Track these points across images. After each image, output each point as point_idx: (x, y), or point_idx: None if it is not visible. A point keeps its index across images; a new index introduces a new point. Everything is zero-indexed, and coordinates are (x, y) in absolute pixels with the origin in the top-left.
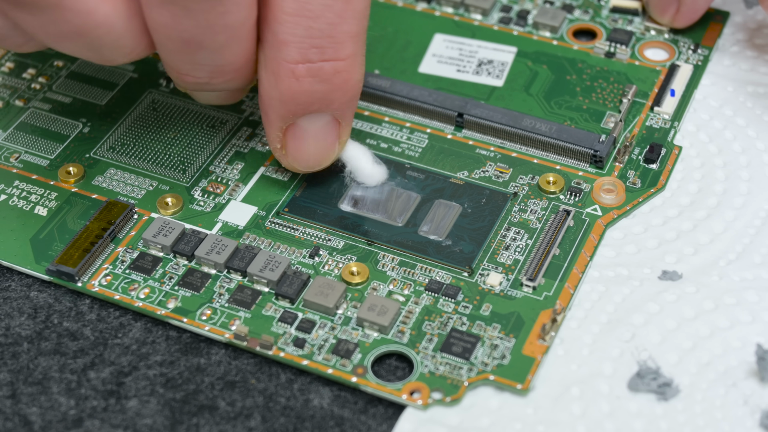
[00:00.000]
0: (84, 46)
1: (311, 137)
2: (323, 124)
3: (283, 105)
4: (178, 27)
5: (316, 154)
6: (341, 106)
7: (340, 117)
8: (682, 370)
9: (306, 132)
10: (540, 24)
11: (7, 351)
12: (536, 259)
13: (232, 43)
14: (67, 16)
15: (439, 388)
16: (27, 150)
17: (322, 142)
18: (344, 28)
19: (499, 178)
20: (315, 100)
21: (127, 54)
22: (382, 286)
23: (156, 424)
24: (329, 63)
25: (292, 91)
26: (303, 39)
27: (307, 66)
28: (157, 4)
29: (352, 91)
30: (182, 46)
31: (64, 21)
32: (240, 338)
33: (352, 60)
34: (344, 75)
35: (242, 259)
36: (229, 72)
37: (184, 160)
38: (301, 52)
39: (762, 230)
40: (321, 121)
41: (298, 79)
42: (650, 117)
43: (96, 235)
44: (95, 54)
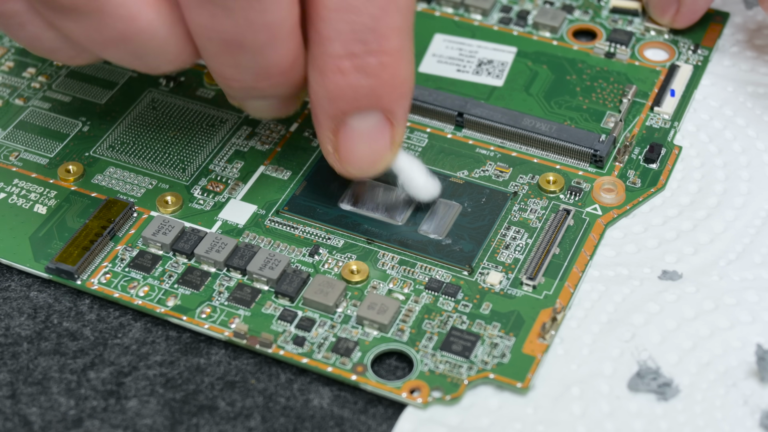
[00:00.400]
0: (129, 53)
1: (363, 137)
2: (374, 123)
3: (331, 103)
4: (217, 27)
5: (369, 155)
6: (390, 104)
7: (391, 116)
8: (682, 370)
9: (357, 132)
10: (540, 24)
11: (7, 351)
12: (536, 258)
13: (275, 43)
14: (110, 22)
15: (439, 386)
16: (26, 148)
17: (374, 143)
18: (388, 21)
19: (499, 177)
20: (362, 96)
21: (172, 61)
22: (382, 284)
23: (156, 424)
24: (374, 57)
25: (339, 86)
26: (347, 33)
27: (352, 60)
28: (196, 5)
29: (401, 87)
30: (223, 48)
31: (107, 27)
32: (240, 336)
33: (398, 54)
34: (391, 69)
35: (242, 257)
36: (275, 75)
37: (183, 158)
38: (345, 47)
39: (762, 230)
40: (372, 120)
41: (344, 74)
42: (650, 117)
43: (95, 233)
44: (140, 61)
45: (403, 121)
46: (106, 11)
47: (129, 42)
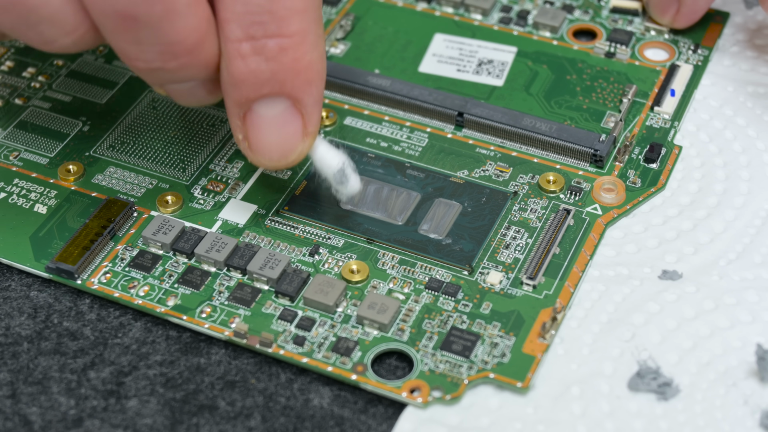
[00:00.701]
0: (21, 20)
1: (270, 125)
2: (281, 111)
3: (235, 88)
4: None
5: (278, 144)
6: (295, 90)
7: (299, 104)
8: (682, 370)
9: (263, 119)
10: (540, 24)
11: (7, 351)
12: (536, 258)
13: (172, 17)
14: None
15: (439, 386)
16: (27, 148)
17: (282, 131)
18: (285, 3)
19: (499, 177)
20: (264, 81)
21: (69, 33)
22: (382, 284)
23: (156, 423)
24: (273, 40)
25: (240, 71)
26: (243, 15)
27: (251, 44)
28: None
29: (306, 72)
30: (119, 23)
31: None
32: (240, 336)
33: (300, 38)
34: (292, 53)
35: (242, 257)
36: (181, 54)
37: (183, 158)
38: (242, 29)
39: (762, 230)
40: (278, 106)
41: (243, 58)
42: (650, 117)
43: (96, 232)
44: (35, 32)
45: (313, 108)
46: None
47: (20, 5)
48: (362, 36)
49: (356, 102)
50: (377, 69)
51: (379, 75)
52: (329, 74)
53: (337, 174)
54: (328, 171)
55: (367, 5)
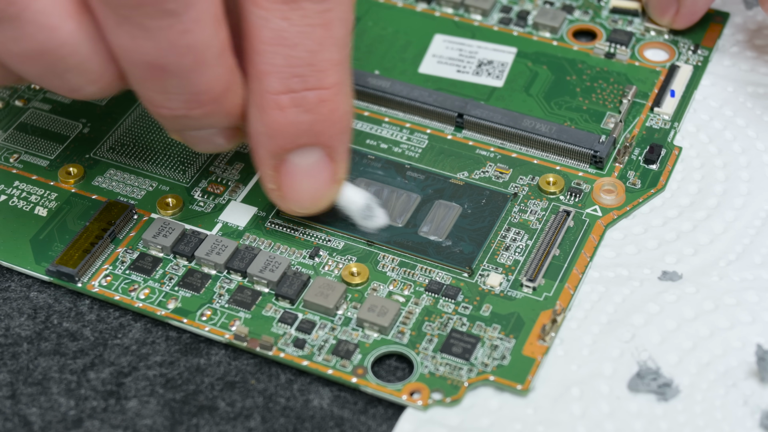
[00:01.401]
0: (49, 70)
1: (304, 174)
2: (315, 160)
3: (271, 140)
4: (138, 49)
5: (310, 192)
6: (331, 139)
7: (332, 152)
8: (682, 371)
9: (298, 168)
10: (540, 25)
11: (7, 351)
12: (536, 260)
13: (201, 67)
14: (29, 31)
15: (439, 388)
16: (27, 150)
17: (315, 180)
18: (325, 55)
19: (499, 178)
20: (302, 132)
21: (95, 81)
22: (382, 286)
23: (156, 424)
24: (313, 92)
25: (278, 123)
26: (283, 68)
27: (290, 96)
28: (115, 25)
29: (340, 122)
30: (148, 72)
31: (26, 37)
32: (240, 339)
33: (337, 89)
34: (330, 104)
35: (242, 259)
36: (207, 102)
37: (184, 160)
38: (282, 82)
39: (762, 230)
40: (312, 156)
41: (282, 110)
42: (650, 117)
43: (96, 235)
44: (61, 81)
45: (344, 156)
46: (24, 19)
47: (48, 56)
48: (362, 37)
49: (356, 103)
50: (377, 70)
51: (379, 76)
52: None
53: (364, 210)
54: (353, 208)
55: (367, 6)
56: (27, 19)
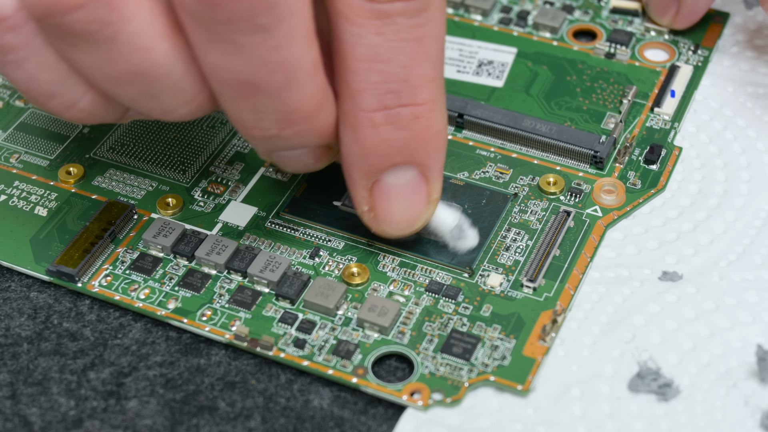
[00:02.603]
0: (143, 91)
1: (399, 194)
2: (410, 179)
3: (365, 159)
4: (230, 67)
5: (406, 212)
6: (425, 157)
7: (426, 170)
8: (682, 371)
9: (393, 188)
10: (540, 25)
11: (7, 351)
12: (536, 260)
13: (293, 85)
14: (123, 53)
15: (439, 388)
16: (27, 150)
17: (410, 200)
18: (419, 71)
19: (499, 178)
20: (396, 151)
21: (188, 102)
22: (383, 286)
23: (156, 424)
24: (407, 108)
25: (372, 142)
26: (378, 85)
27: (384, 113)
28: (206, 42)
29: (434, 140)
30: (239, 91)
31: (120, 59)
32: (240, 339)
33: (431, 105)
34: (424, 121)
35: (242, 259)
36: (298, 121)
37: (184, 160)
38: (377, 99)
39: (762, 231)
40: (407, 175)
41: (376, 128)
42: (650, 118)
43: (96, 235)
44: (155, 102)
45: (438, 175)
46: (120, 40)
47: (142, 77)
48: None
49: None
50: None
51: None
52: None
53: (454, 231)
54: (444, 229)
55: None
56: (122, 41)
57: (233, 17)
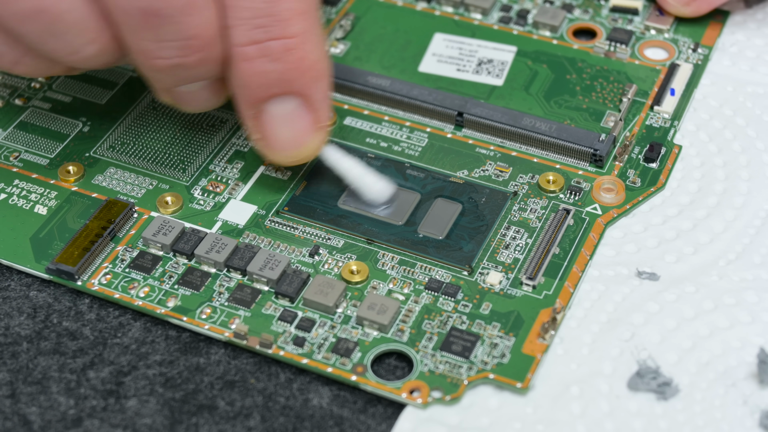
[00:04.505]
0: (47, 29)
1: (282, 123)
2: (292, 109)
3: (245, 90)
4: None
5: (291, 140)
6: (304, 87)
7: (308, 100)
8: (681, 370)
9: (275, 117)
10: (540, 23)
11: (7, 350)
12: (536, 258)
13: (193, 10)
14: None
15: (438, 386)
16: (27, 149)
17: (295, 127)
18: (286, 5)
19: (499, 177)
20: (273, 82)
21: (93, 40)
22: (382, 284)
23: (155, 423)
24: (278, 41)
25: (248, 74)
26: (246, 20)
27: (256, 47)
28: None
29: (311, 70)
30: (141, 19)
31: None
32: (240, 337)
33: (303, 37)
34: (297, 53)
35: (242, 257)
36: (199, 47)
37: (183, 159)
38: (247, 34)
39: (762, 230)
40: (289, 105)
41: (250, 62)
42: (650, 116)
43: (96, 233)
44: (60, 41)
45: (322, 103)
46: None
47: (45, 14)
48: (362, 36)
49: (356, 102)
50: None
51: (379, 75)
52: None
53: (357, 179)
54: (347, 177)
55: (367, 5)
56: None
57: None
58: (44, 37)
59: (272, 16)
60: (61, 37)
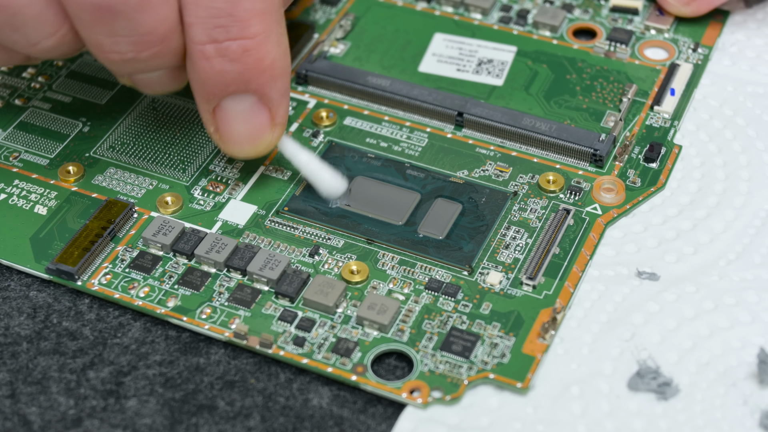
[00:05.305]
0: (5, 21)
1: (238, 119)
2: (248, 106)
3: (203, 86)
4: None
5: (247, 136)
6: (261, 87)
7: (265, 99)
8: (681, 370)
9: (231, 114)
10: (540, 23)
11: (7, 351)
12: (536, 258)
13: (146, 7)
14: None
15: (438, 386)
16: (27, 149)
17: (250, 124)
18: (246, 6)
19: (499, 177)
20: (230, 81)
21: (52, 34)
22: (382, 284)
23: (155, 423)
24: (236, 42)
25: (206, 72)
26: (206, 19)
27: (214, 46)
28: None
29: (270, 70)
30: (95, 14)
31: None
32: (240, 337)
33: (262, 38)
34: (255, 53)
35: (242, 257)
36: (154, 43)
37: (183, 159)
38: (206, 33)
39: (762, 230)
40: (245, 102)
41: (209, 60)
42: (650, 116)
43: (96, 234)
44: (19, 34)
45: (279, 101)
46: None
47: (4, 8)
48: (362, 36)
49: (356, 102)
50: (377, 69)
51: (379, 75)
52: (329, 74)
53: (313, 173)
54: (303, 170)
55: (366, 5)
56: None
57: None
58: (4, 30)
59: (231, 16)
60: (20, 30)
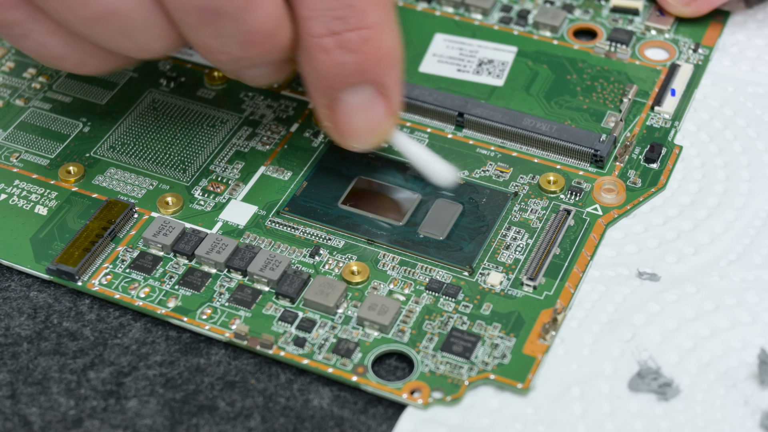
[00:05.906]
0: (117, 31)
1: (358, 111)
2: (367, 97)
3: (321, 80)
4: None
5: (366, 127)
6: (379, 76)
7: (383, 88)
8: (682, 371)
9: (350, 106)
10: (540, 24)
11: (7, 351)
12: (537, 259)
13: (251, 6)
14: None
15: (439, 387)
16: (27, 149)
17: (369, 115)
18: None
19: (499, 177)
20: (350, 72)
21: (161, 36)
22: (383, 285)
23: (156, 424)
24: (355, 32)
25: (325, 65)
26: (323, 12)
27: (334, 38)
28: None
29: (386, 59)
30: (201, 17)
31: (89, 1)
32: (240, 337)
33: (379, 27)
34: (373, 43)
35: (242, 258)
36: (260, 41)
37: (184, 159)
38: (324, 25)
39: (762, 231)
40: (363, 93)
41: (328, 53)
42: (651, 116)
43: (96, 234)
44: (130, 40)
45: (394, 90)
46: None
47: (115, 15)
48: None
49: None
50: None
51: None
52: None
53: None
54: (415, 161)
55: None
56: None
57: None
58: (115, 37)
59: (350, 6)
60: (130, 36)
